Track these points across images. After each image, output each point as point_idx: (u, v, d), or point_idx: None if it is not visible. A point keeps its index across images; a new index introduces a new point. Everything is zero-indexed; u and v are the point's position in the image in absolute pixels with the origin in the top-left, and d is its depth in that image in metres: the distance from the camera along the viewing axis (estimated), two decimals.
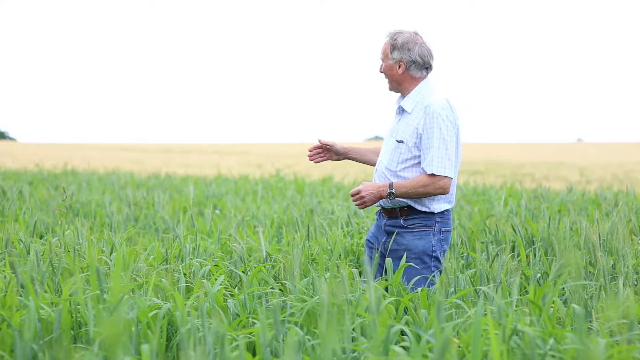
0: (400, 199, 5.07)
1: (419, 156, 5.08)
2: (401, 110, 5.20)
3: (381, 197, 5.07)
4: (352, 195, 5.11)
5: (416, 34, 5.14)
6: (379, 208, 5.31)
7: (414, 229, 5.11)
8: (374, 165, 5.51)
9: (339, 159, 5.62)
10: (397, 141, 5.11)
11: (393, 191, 5.01)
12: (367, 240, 5.37)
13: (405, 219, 5.12)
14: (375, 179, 5.24)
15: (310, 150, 5.56)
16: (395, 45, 5.12)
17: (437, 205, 5.12)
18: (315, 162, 5.58)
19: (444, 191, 5.04)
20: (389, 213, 5.19)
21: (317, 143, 5.55)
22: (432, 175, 5.00)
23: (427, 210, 5.10)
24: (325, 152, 5.58)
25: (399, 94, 5.27)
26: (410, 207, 5.10)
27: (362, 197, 5.06)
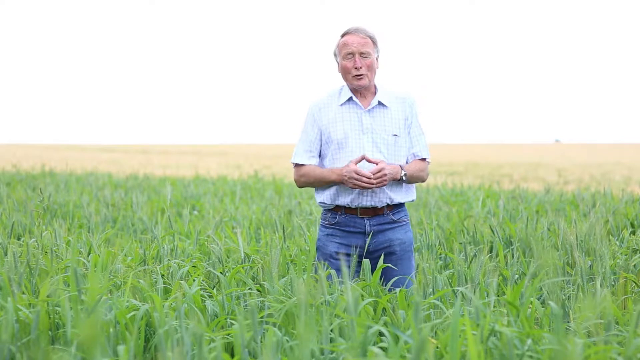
0: (394, 193, 5.03)
1: (408, 147, 5.12)
2: (377, 105, 5.12)
3: (394, 179, 4.98)
4: (375, 173, 4.83)
5: None
6: (334, 213, 5.12)
7: (402, 221, 5.12)
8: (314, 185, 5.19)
9: None
10: (393, 135, 5.07)
11: (406, 173, 4.99)
12: (335, 252, 5.08)
13: (393, 213, 5.09)
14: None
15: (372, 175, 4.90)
16: (375, 40, 5.09)
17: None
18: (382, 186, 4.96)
19: (427, 177, 5.19)
20: (372, 212, 5.06)
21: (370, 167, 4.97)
22: (424, 160, 5.12)
23: (411, 199, 5.14)
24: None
25: (343, 92, 5.17)
26: (399, 201, 5.10)
27: (385, 175, 4.86)
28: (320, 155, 5.18)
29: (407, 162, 5.12)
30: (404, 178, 4.97)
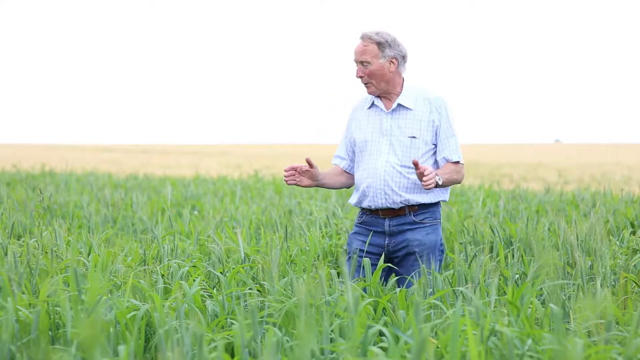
0: (410, 194, 5.03)
1: (432, 149, 5.12)
2: (398, 108, 5.13)
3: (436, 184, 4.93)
4: (428, 174, 4.82)
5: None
6: (361, 213, 5.24)
7: (426, 223, 5.13)
8: (335, 187, 5.39)
9: (310, 185, 5.23)
10: (410, 137, 5.07)
11: (440, 177, 4.94)
12: (357, 250, 5.16)
13: (415, 215, 5.11)
14: (385, 179, 5.07)
15: (285, 170, 5.17)
16: (384, 44, 5.05)
17: (447, 195, 5.24)
18: (288, 184, 5.24)
19: (463, 178, 5.20)
20: (392, 213, 5.10)
21: (294, 164, 5.19)
22: (458, 163, 5.11)
23: (441, 199, 5.18)
24: (299, 174, 5.18)
25: (366, 95, 5.22)
26: (418, 202, 5.11)
27: (432, 177, 4.85)
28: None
29: (439, 166, 5.15)
30: (439, 182, 4.92)
